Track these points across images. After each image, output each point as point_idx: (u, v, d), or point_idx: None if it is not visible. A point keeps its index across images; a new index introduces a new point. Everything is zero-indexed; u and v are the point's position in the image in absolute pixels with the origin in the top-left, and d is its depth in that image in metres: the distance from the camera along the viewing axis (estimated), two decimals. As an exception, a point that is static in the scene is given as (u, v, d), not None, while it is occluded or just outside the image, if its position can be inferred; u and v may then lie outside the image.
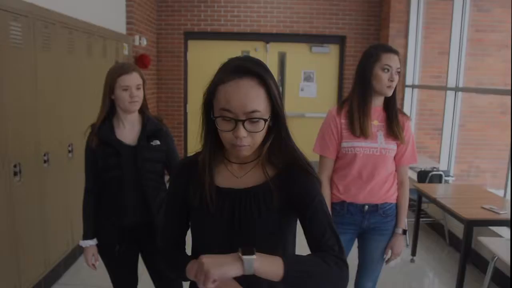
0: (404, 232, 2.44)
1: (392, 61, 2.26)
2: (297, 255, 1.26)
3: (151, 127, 2.29)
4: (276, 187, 1.28)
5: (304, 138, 1.53)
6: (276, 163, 1.31)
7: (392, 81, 2.25)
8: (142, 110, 2.32)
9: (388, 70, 2.25)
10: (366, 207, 2.36)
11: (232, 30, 7.06)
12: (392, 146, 2.32)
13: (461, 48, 5.28)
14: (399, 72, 2.29)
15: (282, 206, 1.29)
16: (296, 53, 7.25)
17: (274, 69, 7.07)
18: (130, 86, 2.18)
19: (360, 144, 2.30)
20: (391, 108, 2.33)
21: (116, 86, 2.18)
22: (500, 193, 4.17)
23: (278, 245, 1.31)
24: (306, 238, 1.29)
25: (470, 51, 5.60)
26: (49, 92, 3.39)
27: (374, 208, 2.37)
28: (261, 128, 1.20)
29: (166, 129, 2.37)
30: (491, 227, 3.79)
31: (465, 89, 5.36)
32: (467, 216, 3.38)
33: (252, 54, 7.22)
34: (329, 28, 7.09)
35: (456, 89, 5.34)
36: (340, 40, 7.21)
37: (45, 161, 3.32)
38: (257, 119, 1.18)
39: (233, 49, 7.23)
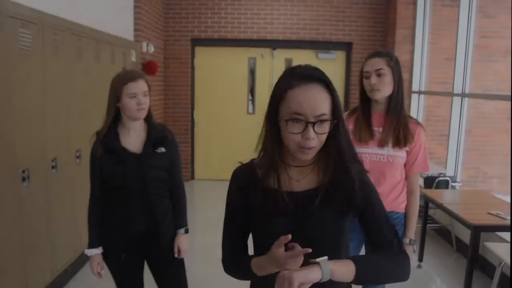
0: (412, 242, 2.38)
1: (370, 65, 2.27)
2: (363, 255, 1.41)
3: (156, 134, 2.27)
4: (334, 189, 1.34)
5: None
6: (333, 167, 1.34)
7: (373, 84, 2.25)
8: (147, 117, 2.29)
9: (368, 76, 2.27)
10: None
11: (239, 36, 7.10)
12: (400, 153, 2.28)
13: (467, 54, 5.28)
14: (381, 74, 2.24)
15: (341, 207, 1.35)
16: (303, 60, 7.19)
17: (280, 76, 7.09)
18: (137, 94, 2.16)
19: (366, 150, 2.29)
20: (392, 114, 2.28)
21: (123, 94, 2.16)
22: (507, 198, 4.14)
23: (340, 247, 1.39)
24: (366, 234, 1.41)
25: (476, 57, 5.60)
26: (58, 98, 3.43)
27: None
28: (327, 130, 1.27)
29: (171, 136, 2.34)
30: (498, 233, 3.78)
31: (471, 95, 5.35)
32: (474, 221, 3.37)
33: (259, 61, 7.27)
34: (336, 35, 7.12)
35: (463, 95, 5.34)
36: (346, 47, 7.23)
37: (53, 167, 3.35)
38: (324, 121, 1.26)
39: (240, 56, 7.27)
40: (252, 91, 7.40)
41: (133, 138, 2.24)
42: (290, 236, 1.18)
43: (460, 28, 5.35)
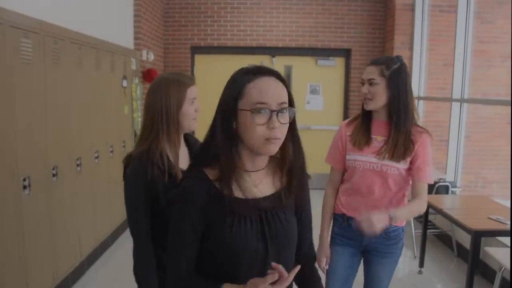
0: (391, 215, 2.01)
1: (365, 73, 2.20)
2: None
3: (196, 145, 1.96)
4: (292, 191, 1.39)
5: (311, 150, 1.55)
6: (288, 167, 1.38)
7: (364, 93, 2.19)
8: None
9: (363, 83, 2.21)
10: None
11: (239, 44, 7.14)
12: (395, 163, 2.17)
13: (466, 60, 5.31)
14: (372, 83, 2.16)
15: (295, 208, 1.43)
16: (302, 67, 7.31)
17: (280, 82, 7.12)
18: (196, 99, 1.87)
19: (360, 158, 2.23)
20: (396, 126, 2.16)
21: (186, 99, 1.82)
22: (507, 203, 4.15)
23: (298, 245, 1.45)
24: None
25: (475, 62, 5.62)
26: (58, 107, 3.45)
27: None
28: (288, 121, 1.28)
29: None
30: (498, 238, 3.78)
31: (470, 101, 5.37)
32: (474, 226, 3.38)
33: (258, 68, 7.29)
34: (335, 42, 7.15)
35: (461, 101, 5.36)
36: (345, 53, 7.27)
37: (53, 175, 3.36)
38: (286, 110, 1.27)
39: (240, 63, 7.14)
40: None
41: (181, 154, 1.88)
42: (281, 266, 1.23)
43: (458, 34, 5.38)
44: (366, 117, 2.27)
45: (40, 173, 3.18)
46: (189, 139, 1.99)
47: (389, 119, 2.19)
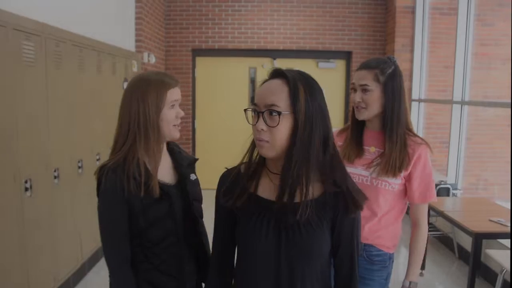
0: (412, 286, 1.96)
1: (356, 78, 1.95)
2: None
3: (185, 157, 1.76)
4: (318, 205, 1.29)
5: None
6: (322, 179, 1.29)
7: (357, 101, 1.93)
8: None
9: (354, 90, 1.96)
10: None
11: (240, 47, 7.15)
12: (389, 178, 1.91)
13: (466, 62, 5.32)
14: (366, 90, 1.91)
15: (321, 222, 1.30)
16: (303, 69, 7.12)
17: (281, 85, 7.14)
18: (178, 101, 1.66)
19: (350, 170, 1.85)
20: (386, 132, 1.92)
21: (165, 102, 1.60)
22: (508, 205, 4.15)
23: (321, 256, 1.33)
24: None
25: (476, 64, 5.63)
26: (60, 109, 3.46)
27: None
28: (276, 123, 1.23)
29: (188, 153, 1.84)
30: (499, 240, 3.78)
31: (470, 103, 5.38)
32: (475, 229, 3.38)
33: (259, 70, 7.31)
34: (335, 44, 7.16)
35: (462, 103, 5.36)
36: (346, 56, 7.28)
37: (55, 177, 3.37)
38: (275, 113, 1.23)
39: (241, 66, 7.31)
40: (253, 100, 7.41)
41: (163, 165, 1.66)
42: None
43: (458, 36, 5.39)
44: (358, 126, 2.02)
45: (41, 175, 3.18)
46: (174, 148, 1.76)
47: (383, 128, 1.94)
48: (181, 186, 1.68)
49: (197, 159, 1.81)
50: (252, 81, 7.35)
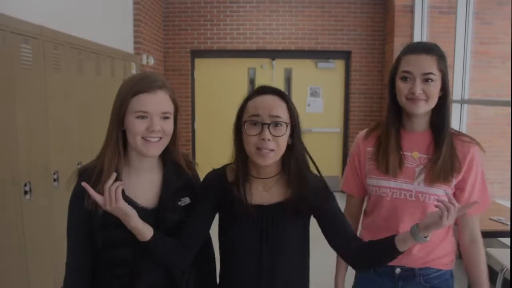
0: None
1: (413, 64, 1.59)
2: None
3: (177, 177, 1.52)
4: (298, 202, 1.44)
5: (311, 153, 1.57)
6: (295, 180, 1.45)
7: (418, 93, 1.57)
8: (164, 152, 1.49)
9: (407, 78, 1.60)
10: (398, 270, 1.69)
11: (238, 47, 7.14)
12: (437, 190, 1.61)
13: (466, 61, 5.31)
14: (429, 79, 1.58)
15: (303, 218, 1.49)
16: (302, 69, 7.31)
17: (280, 85, 7.10)
18: (149, 113, 1.38)
19: (387, 184, 1.66)
20: (434, 132, 1.65)
21: (128, 110, 1.39)
22: (509, 204, 4.14)
23: (305, 252, 1.54)
24: (332, 238, 1.50)
25: (475, 63, 5.62)
26: (59, 112, 3.45)
27: (410, 273, 1.69)
28: (283, 133, 1.39)
29: (195, 176, 1.62)
30: (500, 239, 3.77)
31: (470, 101, 5.37)
32: (475, 227, 3.36)
33: (259, 71, 7.30)
34: (334, 44, 7.16)
35: (462, 102, 5.35)
36: (345, 56, 7.27)
37: (54, 180, 3.37)
38: (280, 123, 1.38)
39: (240, 67, 7.31)
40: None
41: (143, 183, 1.48)
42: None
43: (457, 35, 5.38)
44: (393, 126, 1.68)
45: (41, 178, 3.18)
46: (171, 166, 1.52)
47: (430, 127, 1.67)
48: (158, 213, 1.45)
49: (189, 180, 1.57)
50: (252, 82, 7.34)
